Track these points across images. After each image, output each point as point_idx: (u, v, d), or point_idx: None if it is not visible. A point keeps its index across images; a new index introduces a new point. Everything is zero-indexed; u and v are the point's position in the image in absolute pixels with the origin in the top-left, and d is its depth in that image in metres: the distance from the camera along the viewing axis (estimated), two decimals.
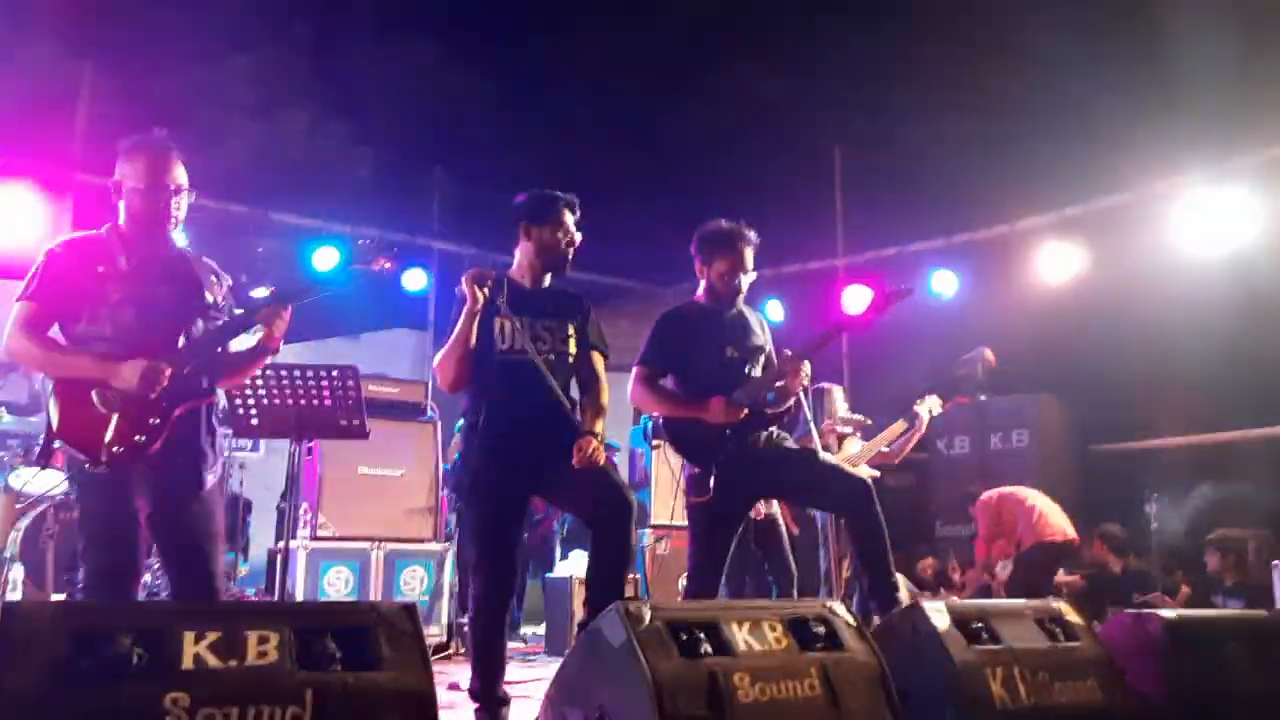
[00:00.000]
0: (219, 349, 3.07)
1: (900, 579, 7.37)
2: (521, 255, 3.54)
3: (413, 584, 5.88)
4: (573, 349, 3.48)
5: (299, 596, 5.43)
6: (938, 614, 3.33)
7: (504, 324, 3.35)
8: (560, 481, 3.33)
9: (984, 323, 8.92)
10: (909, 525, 8.98)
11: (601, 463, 3.28)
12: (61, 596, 5.27)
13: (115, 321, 2.94)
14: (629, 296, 10.20)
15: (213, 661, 2.14)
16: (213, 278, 3.19)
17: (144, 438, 2.89)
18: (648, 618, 2.75)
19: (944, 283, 8.95)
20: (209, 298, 3.12)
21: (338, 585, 5.63)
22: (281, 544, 5.27)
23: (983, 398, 8.82)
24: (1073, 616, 3.65)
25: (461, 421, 3.65)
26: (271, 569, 5.90)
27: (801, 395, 5.13)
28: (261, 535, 7.24)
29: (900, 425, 5.93)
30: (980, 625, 3.37)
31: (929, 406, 5.99)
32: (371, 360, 7.69)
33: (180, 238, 3.37)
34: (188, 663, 2.11)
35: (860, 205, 9.77)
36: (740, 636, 2.90)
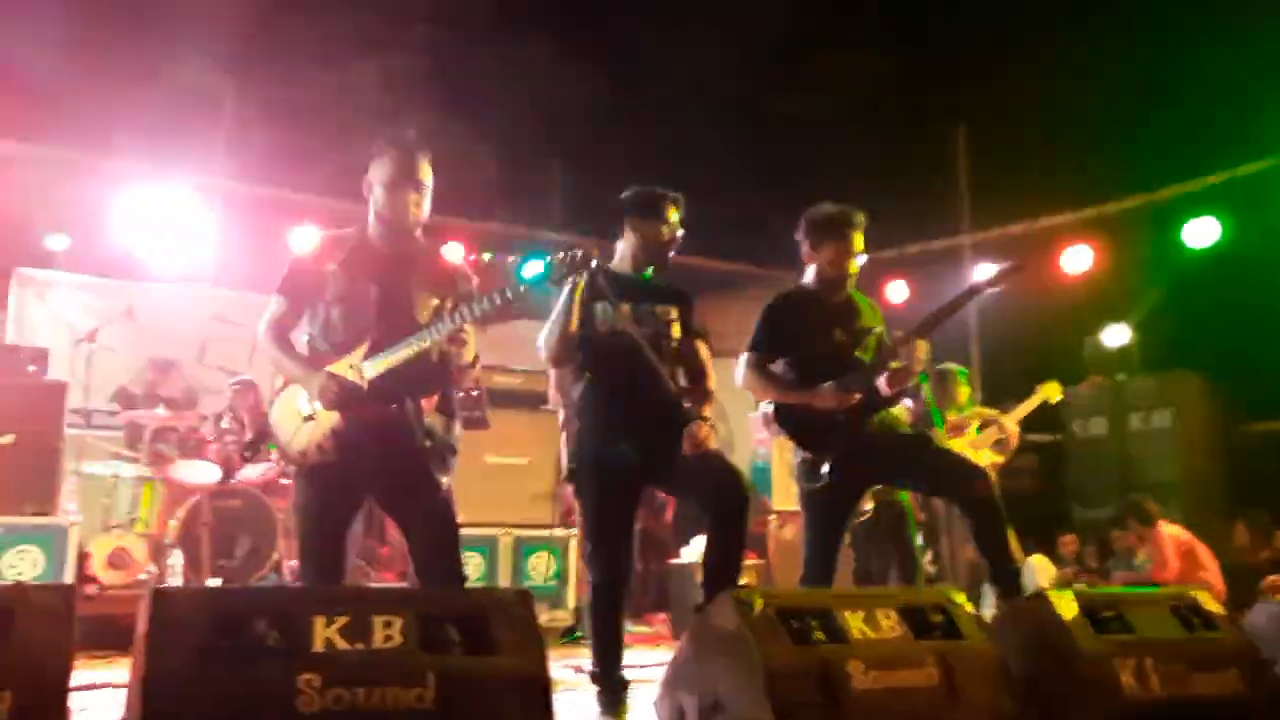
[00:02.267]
0: (417, 356, 2.99)
1: (1039, 560, 7.21)
2: (625, 248, 3.59)
3: (539, 569, 6.03)
4: (676, 333, 3.50)
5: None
6: (1064, 602, 3.24)
7: (605, 308, 3.39)
8: (675, 469, 3.37)
9: (1121, 298, 8.55)
10: (1041, 509, 8.70)
11: (712, 447, 3.30)
12: (217, 581, 5.63)
13: (326, 322, 3.03)
14: (747, 281, 10.16)
15: (342, 644, 2.27)
16: (447, 281, 3.14)
17: (323, 449, 2.96)
18: (759, 605, 2.76)
19: (1077, 257, 8.60)
20: (427, 301, 3.07)
21: (467, 570, 5.80)
22: None
23: (1121, 376, 8.46)
24: (1212, 605, 3.49)
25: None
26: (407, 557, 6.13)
27: (922, 379, 5.05)
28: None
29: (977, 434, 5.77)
30: (1110, 614, 3.26)
31: (1045, 394, 5.81)
32: (494, 351, 7.89)
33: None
34: (319, 645, 2.24)
35: (986, 180, 9.48)
36: (854, 624, 2.89)
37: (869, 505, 5.46)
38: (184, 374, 7.27)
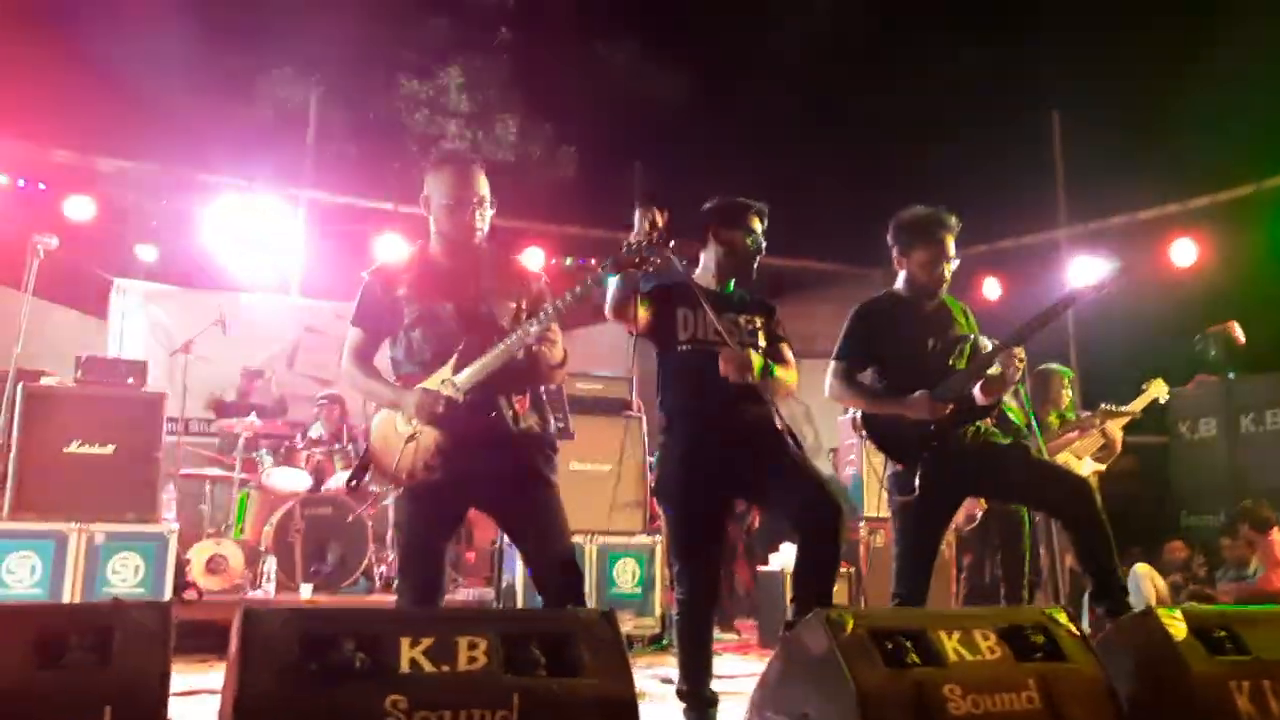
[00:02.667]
0: (507, 360, 2.96)
1: (1143, 569, 6.92)
2: (708, 259, 3.53)
3: (625, 576, 6.00)
4: (761, 342, 3.43)
5: (518, 587, 5.67)
6: (1173, 621, 3.08)
7: (686, 315, 3.34)
8: (763, 483, 3.30)
9: (1229, 293, 8.15)
10: (1145, 514, 8.36)
11: (737, 377, 3.21)
12: (309, 587, 5.75)
13: (408, 345, 3.04)
14: (835, 281, 9.99)
15: (428, 666, 2.26)
16: (519, 282, 3.15)
17: (429, 466, 2.96)
18: (851, 625, 2.68)
19: (1182, 251, 8.24)
20: (505, 306, 3.07)
21: (627, 578, 5.85)
22: (500, 537, 5.55)
23: (1231, 375, 8.07)
24: None
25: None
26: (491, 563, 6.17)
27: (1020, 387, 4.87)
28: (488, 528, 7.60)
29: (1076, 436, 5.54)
30: (1224, 634, 3.09)
31: (1153, 393, 5.56)
32: (575, 358, 7.91)
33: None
34: (405, 667, 2.24)
35: (1083, 172, 9.15)
36: (950, 645, 2.78)
37: (978, 513, 5.31)
38: (274, 382, 7.45)
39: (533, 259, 8.76)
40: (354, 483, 3.23)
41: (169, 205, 8.40)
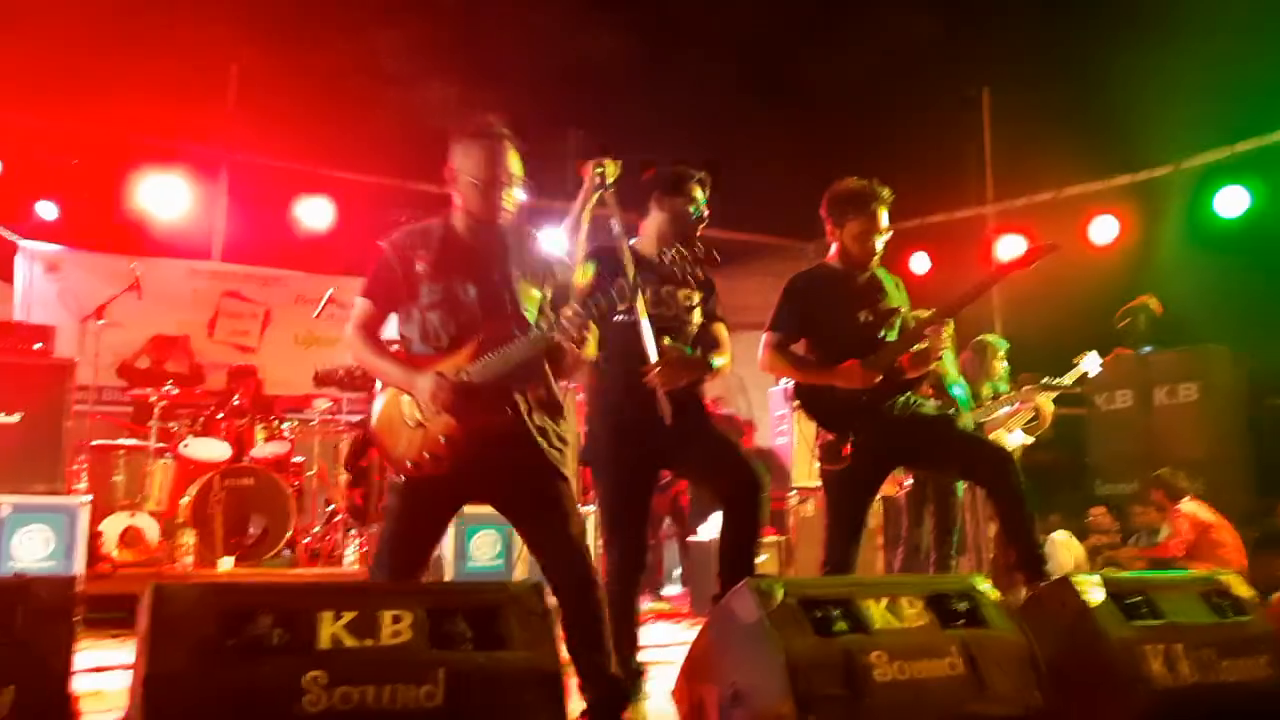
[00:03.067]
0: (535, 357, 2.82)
1: (1061, 535, 7.11)
2: (649, 227, 3.50)
3: (484, 549, 5.93)
4: (696, 319, 3.41)
5: (448, 561, 5.60)
6: (1092, 588, 3.15)
7: (623, 286, 3.31)
8: (689, 455, 3.29)
9: (1149, 269, 8.37)
10: (1066, 483, 8.59)
11: (665, 386, 3.20)
12: (230, 560, 5.61)
13: (424, 325, 2.86)
14: (768, 253, 10.03)
15: (349, 641, 2.20)
16: (545, 269, 2.99)
17: (436, 456, 2.79)
18: (780, 595, 2.69)
19: (1104, 228, 8.43)
20: (529, 294, 2.92)
21: (484, 549, 5.75)
22: None
23: (1147, 349, 8.31)
24: (1242, 590, 3.41)
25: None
26: None
27: (950, 364, 4.94)
28: None
29: (1015, 411, 5.64)
30: (1139, 600, 3.17)
31: (1085, 366, 5.68)
32: None
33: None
34: (325, 642, 2.18)
35: (1010, 149, 9.29)
36: (877, 613, 2.81)
37: (909, 480, 5.38)
38: (192, 350, 7.22)
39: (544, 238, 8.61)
40: (352, 463, 3.10)
41: (81, 165, 8.05)
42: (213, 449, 5.99)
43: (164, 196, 7.45)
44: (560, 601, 2.84)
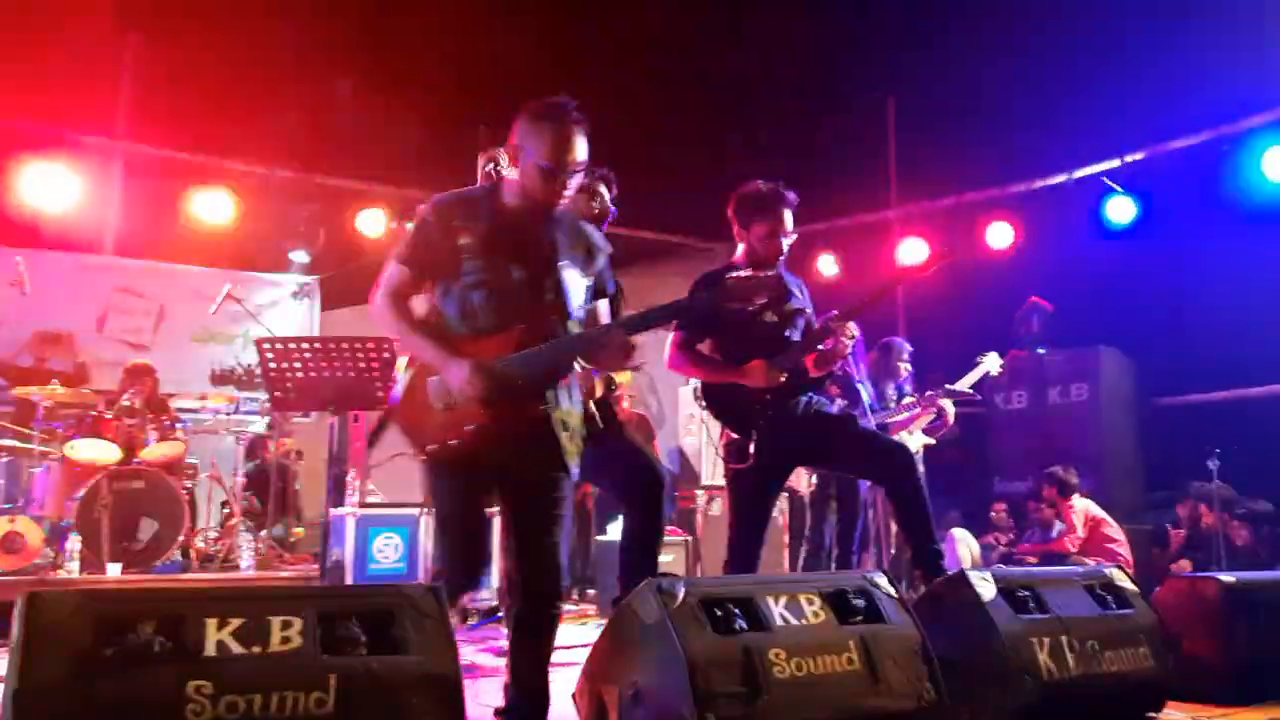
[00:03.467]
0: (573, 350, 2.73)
1: (960, 533, 7.30)
2: None
3: (387, 551, 5.86)
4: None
5: (348, 563, 5.49)
6: (983, 583, 3.25)
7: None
8: (590, 457, 3.29)
9: (1042, 274, 8.67)
10: (967, 480, 8.83)
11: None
12: (117, 566, 5.40)
13: (463, 304, 2.69)
14: (677, 253, 10.08)
15: (236, 648, 2.13)
16: (591, 257, 2.87)
17: (458, 440, 2.65)
18: (681, 595, 2.70)
19: (999, 234, 8.69)
20: (578, 283, 2.80)
21: (386, 552, 5.66)
22: (332, 512, 5.35)
23: (1041, 350, 8.60)
24: (1125, 583, 3.55)
25: None
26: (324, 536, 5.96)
27: (853, 363, 5.02)
28: (317, 503, 7.34)
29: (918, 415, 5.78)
30: (1028, 594, 3.28)
31: (987, 366, 5.85)
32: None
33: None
34: (210, 650, 2.11)
35: (914, 155, 9.51)
36: (776, 611, 2.85)
37: (813, 477, 5.46)
38: (78, 348, 6.93)
39: (372, 221, 8.46)
40: (373, 441, 2.95)
41: None
42: (101, 450, 5.75)
43: (52, 188, 7.12)
44: (515, 605, 2.80)
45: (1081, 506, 6.99)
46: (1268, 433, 7.20)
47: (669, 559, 6.40)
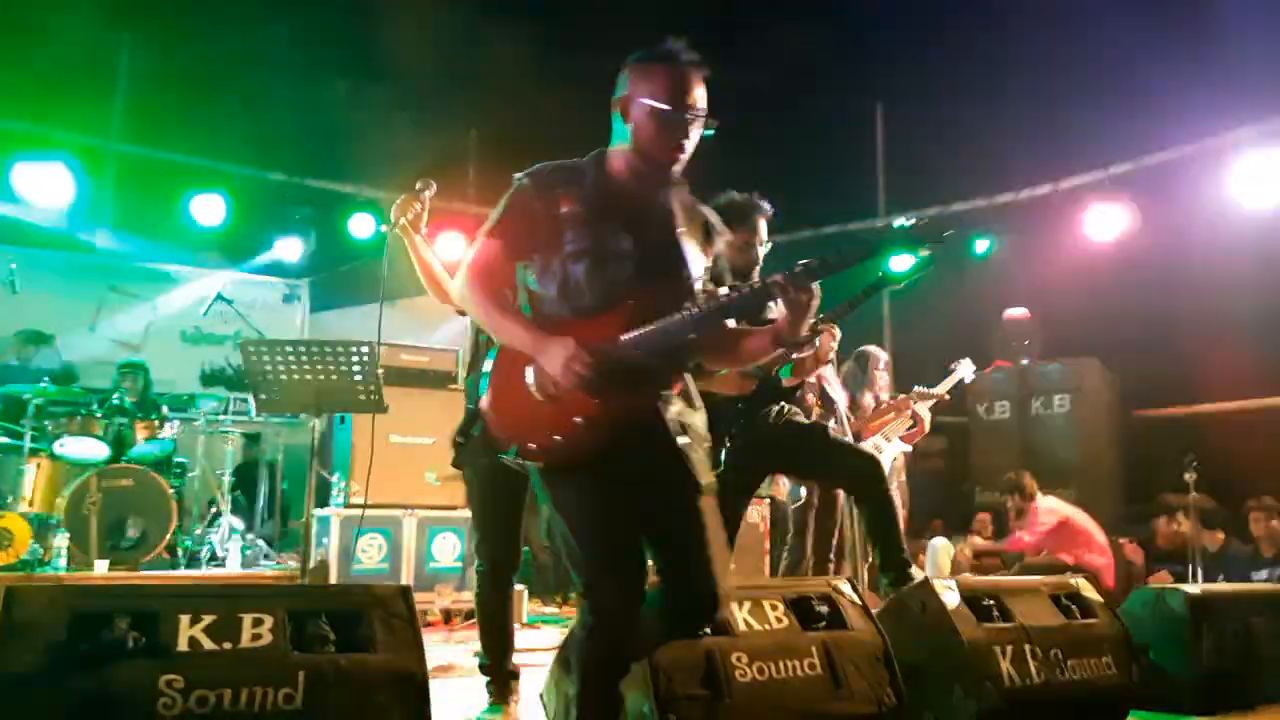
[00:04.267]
0: (694, 333, 2.32)
1: (940, 542, 7.36)
2: None
3: (445, 551, 5.96)
4: None
5: (332, 564, 5.55)
6: (948, 591, 3.31)
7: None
8: None
9: (1028, 285, 8.74)
10: (950, 490, 8.91)
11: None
12: (105, 563, 5.46)
13: (564, 279, 2.35)
14: None
15: (207, 644, 2.21)
16: (706, 231, 2.53)
17: (558, 437, 2.28)
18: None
19: (985, 245, 8.77)
20: (697, 256, 2.45)
21: (370, 552, 5.73)
22: (314, 511, 5.41)
23: (1025, 361, 8.68)
24: (1090, 593, 3.63)
25: None
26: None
27: (831, 373, 5.07)
28: (301, 503, 7.40)
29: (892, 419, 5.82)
30: (992, 603, 3.35)
31: (961, 373, 5.89)
32: (407, 325, 7.76)
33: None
34: (183, 645, 2.18)
35: (902, 165, 9.60)
36: (740, 616, 2.92)
37: (802, 489, 5.51)
38: (66, 346, 6.99)
39: (362, 224, 8.52)
40: (462, 438, 2.55)
41: None
42: (90, 448, 5.81)
43: (46, 187, 7.18)
44: (675, 631, 2.46)
45: (1046, 505, 6.97)
46: (1248, 445, 7.30)
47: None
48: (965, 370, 5.97)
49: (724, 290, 2.40)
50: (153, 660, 2.13)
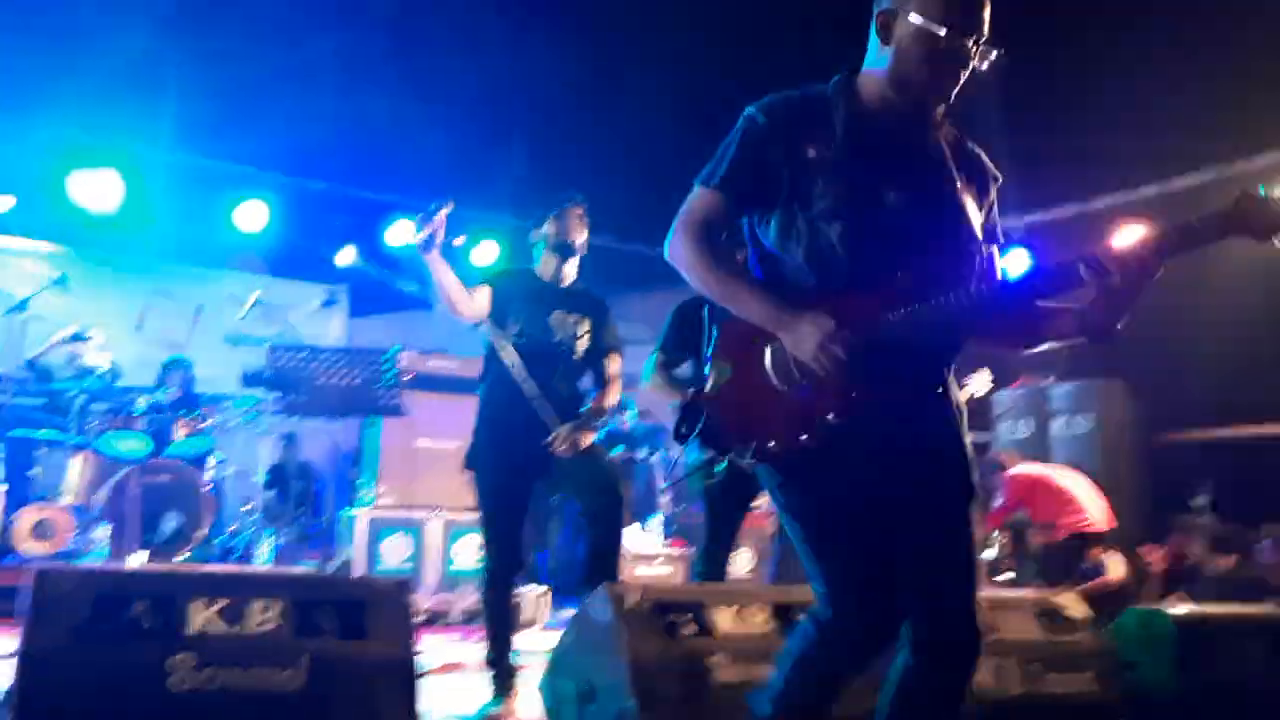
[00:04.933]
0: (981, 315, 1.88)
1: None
2: (544, 250, 3.72)
3: (466, 552, 6.14)
4: (583, 345, 3.65)
5: (358, 563, 5.76)
6: None
7: (518, 308, 3.55)
8: (556, 467, 3.53)
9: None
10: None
11: (568, 453, 3.46)
12: (143, 555, 5.72)
13: (813, 241, 1.92)
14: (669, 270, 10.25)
15: (218, 627, 2.41)
16: (984, 185, 2.08)
17: (806, 436, 1.88)
18: (634, 599, 2.93)
19: (1015, 261, 8.81)
20: (976, 216, 2.01)
21: (396, 552, 5.92)
22: (341, 512, 5.63)
23: (1047, 380, 8.70)
24: (1074, 610, 3.72)
25: None
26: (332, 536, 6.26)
27: None
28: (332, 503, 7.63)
29: None
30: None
31: (974, 387, 5.95)
32: (441, 333, 7.95)
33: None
34: (195, 627, 2.39)
35: None
36: (724, 619, 3.06)
37: None
38: (111, 345, 7.28)
39: (402, 233, 8.75)
40: (683, 430, 2.06)
41: (20, 161, 8.07)
42: (132, 444, 6.09)
43: (98, 193, 7.50)
44: (921, 659, 1.98)
45: (1015, 471, 6.85)
46: (1272, 470, 7.26)
47: (667, 570, 6.61)
48: (978, 384, 6.02)
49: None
50: (166, 640, 2.34)
